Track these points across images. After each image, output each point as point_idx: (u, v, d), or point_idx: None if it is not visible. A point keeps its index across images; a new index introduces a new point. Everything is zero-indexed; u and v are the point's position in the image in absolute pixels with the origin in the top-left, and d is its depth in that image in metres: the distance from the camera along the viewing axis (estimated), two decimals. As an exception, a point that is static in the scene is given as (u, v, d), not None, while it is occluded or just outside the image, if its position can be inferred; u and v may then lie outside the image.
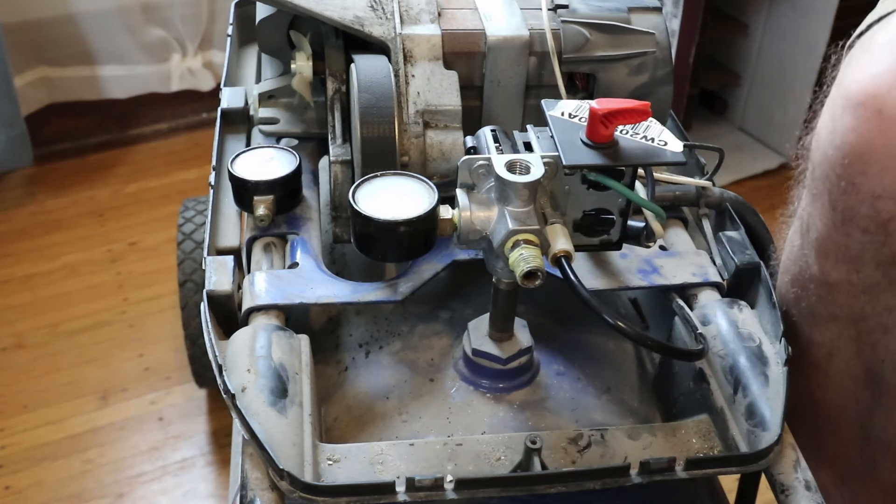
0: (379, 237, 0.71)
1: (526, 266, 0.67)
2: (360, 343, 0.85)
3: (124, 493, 1.61)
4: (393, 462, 0.69)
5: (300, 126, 0.95)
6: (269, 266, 0.82)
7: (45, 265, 2.07)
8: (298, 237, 0.83)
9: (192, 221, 1.65)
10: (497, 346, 0.78)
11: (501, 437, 0.72)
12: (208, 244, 0.84)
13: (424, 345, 0.84)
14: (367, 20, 0.86)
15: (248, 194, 0.82)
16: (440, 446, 0.71)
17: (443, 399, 0.79)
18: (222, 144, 0.95)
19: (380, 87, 0.82)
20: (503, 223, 0.69)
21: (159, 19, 2.34)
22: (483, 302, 0.80)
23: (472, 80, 0.89)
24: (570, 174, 0.73)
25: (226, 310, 0.79)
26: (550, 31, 0.87)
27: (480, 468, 0.69)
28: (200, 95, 2.45)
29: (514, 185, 0.69)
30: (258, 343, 0.73)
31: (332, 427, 0.78)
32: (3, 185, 2.28)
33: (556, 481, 0.68)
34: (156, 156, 2.39)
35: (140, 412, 1.75)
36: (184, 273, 1.60)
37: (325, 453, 0.69)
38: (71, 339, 1.89)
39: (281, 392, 0.69)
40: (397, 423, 0.77)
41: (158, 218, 2.18)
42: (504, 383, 0.79)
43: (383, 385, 0.81)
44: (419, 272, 0.81)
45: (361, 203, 0.71)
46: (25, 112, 2.23)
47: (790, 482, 0.71)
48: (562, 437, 0.72)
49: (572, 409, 0.79)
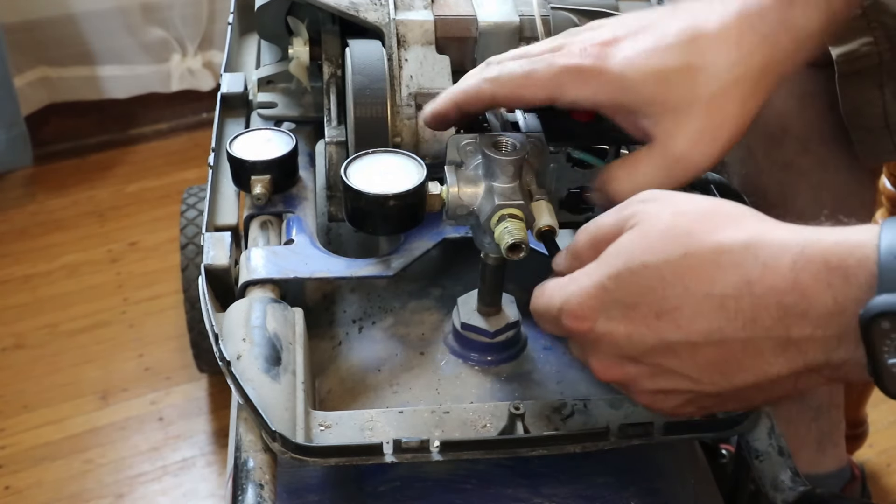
0: (370, 211, 0.73)
1: (510, 238, 0.70)
2: (353, 319, 0.87)
3: (124, 493, 1.61)
4: (382, 428, 0.72)
5: (298, 110, 0.97)
6: (265, 243, 0.84)
7: (45, 265, 2.08)
8: (294, 215, 0.86)
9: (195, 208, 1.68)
10: (485, 320, 0.80)
11: (487, 406, 0.74)
12: (207, 221, 0.86)
13: (416, 320, 0.86)
14: (362, 6, 0.89)
15: (246, 174, 0.85)
16: (428, 414, 0.73)
17: (432, 371, 0.81)
18: (222, 127, 0.98)
19: (373, 69, 0.84)
20: (489, 198, 0.72)
21: (159, 19, 2.35)
22: (473, 280, 0.82)
23: (464, 64, 0.91)
24: (556, 152, 0.76)
25: (223, 284, 0.81)
26: (540, 17, 0.90)
27: (466, 434, 0.72)
28: (200, 95, 2.45)
29: (500, 161, 0.71)
30: (253, 314, 0.75)
31: (325, 398, 0.80)
32: (3, 185, 2.29)
33: (538, 444, 0.70)
34: (156, 156, 2.40)
35: (140, 412, 1.76)
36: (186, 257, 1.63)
37: (316, 420, 0.72)
38: (71, 339, 1.90)
39: (275, 360, 0.72)
40: (388, 394, 0.80)
41: (158, 218, 2.18)
42: (492, 356, 0.81)
43: (375, 358, 0.83)
44: (411, 249, 0.83)
45: (353, 178, 0.73)
46: (25, 112, 2.24)
47: (764, 448, 0.73)
48: (546, 405, 0.74)
49: (558, 381, 0.81)
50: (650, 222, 0.61)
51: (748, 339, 0.58)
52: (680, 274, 0.58)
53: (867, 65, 0.99)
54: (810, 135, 1.07)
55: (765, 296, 0.56)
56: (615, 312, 0.61)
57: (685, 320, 0.59)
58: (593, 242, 0.65)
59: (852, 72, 1.01)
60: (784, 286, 0.55)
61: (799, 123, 1.07)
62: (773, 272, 0.56)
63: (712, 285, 0.58)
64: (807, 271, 0.55)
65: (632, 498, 0.76)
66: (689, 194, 0.65)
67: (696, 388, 0.62)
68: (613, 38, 0.70)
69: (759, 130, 1.08)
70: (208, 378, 1.80)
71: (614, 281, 0.61)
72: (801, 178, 1.09)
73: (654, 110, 0.68)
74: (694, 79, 0.67)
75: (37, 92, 2.34)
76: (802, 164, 1.08)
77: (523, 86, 0.71)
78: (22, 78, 2.28)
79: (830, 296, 0.54)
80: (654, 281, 0.59)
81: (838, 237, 0.55)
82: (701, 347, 0.59)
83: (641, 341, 0.61)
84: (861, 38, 0.99)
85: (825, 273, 0.54)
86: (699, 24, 0.68)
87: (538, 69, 0.71)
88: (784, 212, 1.06)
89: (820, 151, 1.08)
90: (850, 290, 0.54)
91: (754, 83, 0.67)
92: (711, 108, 0.67)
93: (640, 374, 0.63)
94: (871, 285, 0.52)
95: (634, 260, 0.60)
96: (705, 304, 0.58)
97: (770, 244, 0.57)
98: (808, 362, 0.57)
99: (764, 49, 0.67)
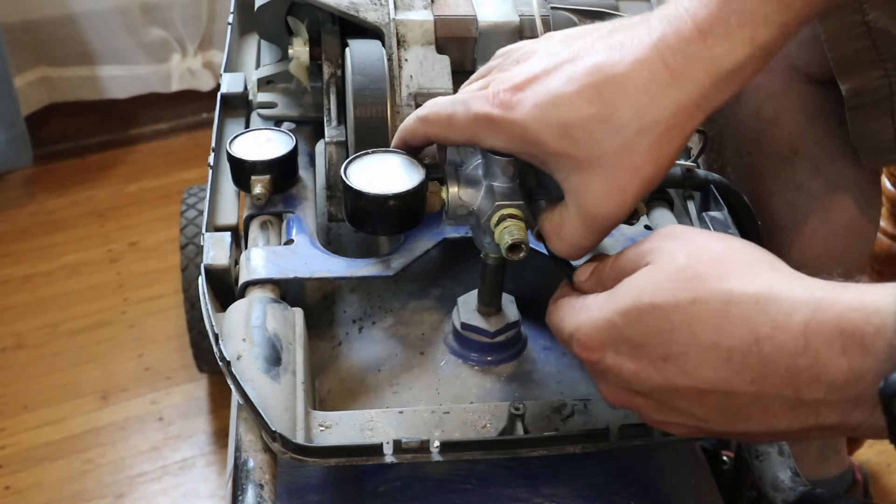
0: (370, 211, 0.73)
1: (510, 238, 0.69)
2: (353, 319, 0.87)
3: (124, 493, 1.61)
4: (382, 428, 0.72)
5: (297, 110, 0.97)
6: (265, 243, 0.84)
7: (45, 265, 2.08)
8: (294, 215, 0.86)
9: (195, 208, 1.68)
10: (485, 320, 0.81)
11: (487, 406, 0.74)
12: (207, 221, 0.86)
13: (416, 320, 0.86)
14: (361, 6, 0.89)
15: (246, 174, 0.85)
16: (428, 414, 0.73)
17: (432, 371, 0.81)
18: (222, 128, 0.98)
19: (373, 69, 0.84)
20: (489, 198, 0.72)
21: (159, 19, 2.35)
22: (473, 280, 0.82)
23: (464, 64, 0.91)
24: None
25: (223, 284, 0.81)
26: (540, 17, 0.90)
27: (466, 434, 0.72)
28: (200, 95, 2.45)
29: (500, 161, 0.71)
30: (253, 314, 0.75)
31: (325, 398, 0.80)
32: (3, 185, 2.29)
33: (538, 445, 0.70)
34: (156, 156, 2.40)
35: (140, 412, 1.76)
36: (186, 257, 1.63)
37: (316, 420, 0.72)
38: (71, 339, 1.90)
39: (275, 360, 0.72)
40: (388, 394, 0.80)
41: (158, 218, 2.18)
42: (492, 356, 0.81)
43: (375, 358, 0.83)
44: (411, 249, 0.83)
45: (353, 178, 0.73)
46: (25, 112, 2.24)
47: (764, 448, 0.73)
48: (546, 406, 0.74)
49: (558, 381, 0.81)
50: (664, 261, 0.61)
51: (756, 393, 0.57)
52: (688, 321, 0.58)
53: (877, 97, 0.99)
54: (821, 154, 1.06)
55: (774, 355, 0.55)
56: (623, 349, 0.61)
57: (691, 367, 0.58)
58: (615, 270, 0.66)
59: (862, 104, 1.00)
60: (795, 348, 0.55)
61: (809, 144, 1.06)
62: (784, 332, 0.55)
63: (720, 336, 0.57)
64: (820, 336, 0.54)
65: (632, 498, 0.76)
66: (710, 233, 0.65)
67: (703, 425, 0.62)
68: (527, 78, 0.66)
69: (767, 152, 1.07)
70: (208, 378, 1.80)
71: (624, 318, 0.61)
72: (812, 200, 1.07)
73: (562, 165, 0.66)
74: (598, 132, 0.64)
75: (37, 92, 2.34)
76: (814, 186, 1.07)
77: (447, 129, 0.70)
78: (22, 78, 2.28)
79: (846, 363, 0.53)
80: (663, 324, 0.59)
81: (853, 301, 0.54)
82: (707, 394, 0.59)
83: (648, 380, 0.61)
84: (872, 72, 0.97)
85: (840, 339, 0.53)
86: (611, 64, 0.64)
87: (458, 113, 0.69)
88: (794, 234, 1.07)
89: (830, 172, 1.07)
90: (868, 360, 0.52)
91: (665, 129, 0.64)
92: (617, 163, 0.64)
93: (647, 405, 0.63)
94: (890, 356, 0.51)
95: (644, 299, 0.60)
96: (712, 354, 0.58)
97: (781, 300, 0.56)
98: (820, 422, 0.57)
99: (675, 90, 0.63)
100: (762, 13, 0.62)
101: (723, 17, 0.62)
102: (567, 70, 0.65)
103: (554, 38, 0.71)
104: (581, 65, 0.65)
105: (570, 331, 0.65)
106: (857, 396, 0.54)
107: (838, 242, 1.09)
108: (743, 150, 1.09)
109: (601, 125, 0.64)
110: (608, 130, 0.64)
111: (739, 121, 1.08)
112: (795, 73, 1.05)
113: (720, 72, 0.63)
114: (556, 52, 0.67)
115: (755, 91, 1.06)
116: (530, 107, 0.65)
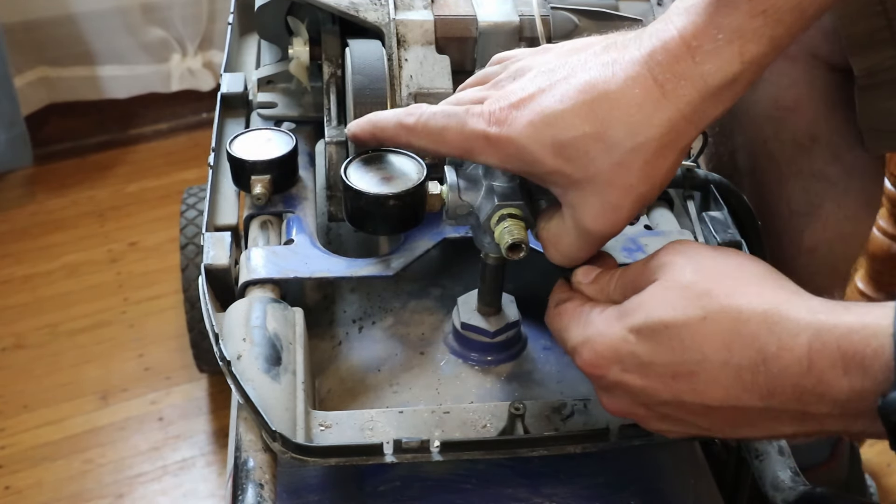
0: (370, 211, 0.73)
1: (510, 238, 0.69)
2: (353, 319, 0.87)
3: (124, 493, 1.61)
4: (382, 428, 0.72)
5: (297, 110, 0.98)
6: (265, 243, 0.84)
7: (45, 265, 2.07)
8: (294, 215, 0.86)
9: (195, 208, 1.67)
10: (485, 320, 0.81)
11: (488, 406, 0.74)
12: (207, 221, 0.86)
13: (416, 320, 0.86)
14: (361, 6, 0.89)
15: (246, 174, 0.85)
16: (428, 414, 0.73)
17: (432, 371, 0.81)
18: (222, 128, 0.98)
19: (373, 69, 0.84)
20: (489, 198, 0.72)
21: (159, 19, 2.34)
22: (473, 281, 0.82)
23: (464, 64, 0.91)
24: None
25: (223, 284, 0.81)
26: (540, 17, 0.90)
27: (466, 434, 0.72)
28: (200, 95, 2.44)
29: None
30: (254, 314, 0.75)
31: (325, 398, 0.80)
32: (3, 185, 2.28)
33: (538, 445, 0.71)
34: (156, 156, 2.39)
35: (140, 412, 1.75)
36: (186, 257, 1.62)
37: (316, 419, 0.72)
38: (71, 339, 1.89)
39: (275, 360, 0.72)
40: (388, 394, 0.80)
41: (158, 218, 2.17)
42: (492, 356, 0.82)
43: (375, 358, 0.83)
44: (411, 249, 0.83)
45: (353, 178, 0.73)
46: (25, 112, 2.23)
47: (764, 447, 0.73)
48: (546, 406, 0.74)
49: (558, 381, 0.81)
50: (673, 277, 0.62)
51: (766, 408, 0.59)
52: (699, 340, 0.59)
53: (891, 77, 0.99)
54: (840, 142, 1.07)
55: (780, 375, 0.57)
56: (631, 365, 0.62)
57: (702, 385, 0.59)
58: (621, 284, 0.66)
59: (873, 84, 1.00)
60: (800, 369, 0.56)
61: (828, 131, 1.06)
62: (790, 352, 0.56)
63: (730, 354, 0.58)
64: (823, 357, 0.55)
65: (632, 498, 0.76)
66: (716, 248, 0.66)
67: (706, 433, 0.63)
68: (523, 97, 0.66)
69: (783, 139, 1.08)
70: (208, 378, 1.80)
71: (634, 335, 0.62)
72: (829, 186, 1.08)
73: (558, 181, 0.66)
74: (592, 150, 0.64)
75: (37, 92, 2.33)
76: (831, 173, 1.08)
77: (438, 143, 0.70)
78: (22, 78, 2.27)
79: (847, 383, 0.55)
80: (674, 342, 0.60)
81: (853, 323, 0.55)
82: (716, 410, 0.60)
83: (656, 395, 0.62)
84: (886, 51, 0.97)
85: (841, 361, 0.55)
86: (604, 81, 0.64)
87: (451, 128, 0.69)
88: (809, 218, 1.07)
89: (847, 158, 1.07)
90: (867, 380, 0.54)
91: (658, 146, 0.64)
92: (611, 181, 0.64)
93: (650, 416, 0.64)
94: (889, 378, 0.53)
95: (654, 317, 0.61)
96: (722, 373, 0.58)
97: (787, 318, 0.57)
98: (824, 429, 0.59)
99: (666, 107, 0.63)
100: (750, 28, 0.62)
101: (710, 33, 0.62)
102: (561, 87, 0.65)
103: (551, 51, 0.71)
104: (575, 82, 0.65)
105: (574, 343, 0.66)
106: (860, 411, 0.55)
107: (849, 226, 1.10)
108: (758, 137, 1.10)
109: (595, 143, 0.64)
110: (602, 148, 0.64)
111: (755, 109, 1.08)
112: (817, 61, 1.05)
113: (710, 88, 0.63)
114: (551, 68, 0.68)
115: (775, 79, 1.06)
116: (525, 125, 0.65)
